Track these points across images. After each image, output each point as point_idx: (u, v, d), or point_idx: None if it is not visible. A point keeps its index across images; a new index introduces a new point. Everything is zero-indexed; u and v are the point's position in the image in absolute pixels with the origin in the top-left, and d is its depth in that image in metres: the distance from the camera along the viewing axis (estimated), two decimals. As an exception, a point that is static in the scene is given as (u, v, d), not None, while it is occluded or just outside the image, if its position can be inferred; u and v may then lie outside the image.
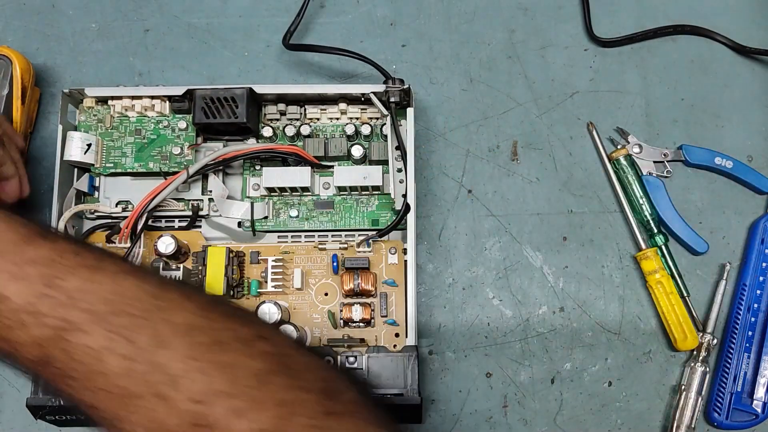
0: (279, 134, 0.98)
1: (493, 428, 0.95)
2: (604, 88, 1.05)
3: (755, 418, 0.94)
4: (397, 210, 0.94)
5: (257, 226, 0.95)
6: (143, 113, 0.97)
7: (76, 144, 0.94)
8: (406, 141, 0.94)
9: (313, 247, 0.95)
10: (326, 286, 0.94)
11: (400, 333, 0.92)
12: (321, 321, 0.93)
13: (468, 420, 0.94)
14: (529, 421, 0.95)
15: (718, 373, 0.95)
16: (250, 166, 0.98)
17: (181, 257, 0.93)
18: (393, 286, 0.93)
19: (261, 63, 1.07)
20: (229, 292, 0.92)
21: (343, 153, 0.96)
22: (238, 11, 1.09)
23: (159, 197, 0.92)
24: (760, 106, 1.04)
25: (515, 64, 1.06)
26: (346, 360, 0.86)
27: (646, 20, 1.07)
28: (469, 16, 1.08)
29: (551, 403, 0.95)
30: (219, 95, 0.93)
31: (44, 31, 1.08)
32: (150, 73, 1.06)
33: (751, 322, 0.95)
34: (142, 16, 1.09)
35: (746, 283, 0.97)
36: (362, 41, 1.07)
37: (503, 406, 0.95)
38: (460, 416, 0.95)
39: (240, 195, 0.97)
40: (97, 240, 0.96)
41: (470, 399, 0.95)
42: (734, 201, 1.01)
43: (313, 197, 0.97)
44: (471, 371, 0.95)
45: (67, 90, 0.95)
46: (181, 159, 0.96)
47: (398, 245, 0.94)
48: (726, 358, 0.95)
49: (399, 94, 0.94)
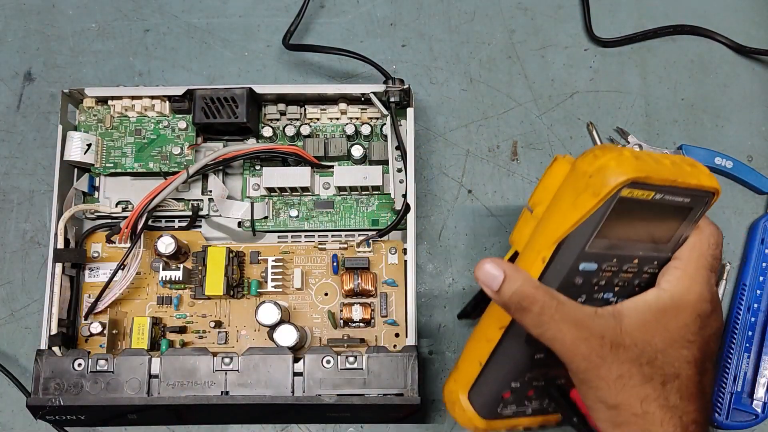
0: (279, 134, 0.98)
1: (493, 428, 0.95)
2: (604, 88, 1.05)
3: (755, 418, 0.93)
4: (397, 210, 0.94)
5: (257, 226, 0.96)
6: (143, 113, 0.97)
7: (76, 144, 0.94)
8: (406, 141, 0.94)
9: (313, 247, 0.95)
10: (326, 286, 0.94)
11: (400, 333, 0.92)
12: (321, 321, 0.93)
13: (468, 420, 0.95)
14: (529, 421, 0.95)
15: (718, 373, 0.95)
16: (250, 166, 0.98)
17: (181, 257, 0.94)
18: (393, 286, 0.93)
19: (261, 63, 1.07)
20: (229, 292, 0.92)
21: (343, 153, 0.96)
22: (238, 11, 1.09)
23: (159, 197, 0.92)
24: (760, 106, 1.04)
25: (515, 64, 1.06)
26: (346, 360, 0.86)
27: (646, 20, 1.07)
28: (469, 16, 1.08)
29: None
30: (219, 95, 0.93)
31: (44, 31, 1.08)
32: (150, 73, 1.06)
33: (751, 322, 0.95)
34: (142, 16, 1.09)
35: (746, 283, 0.97)
36: (362, 41, 1.07)
37: (503, 406, 0.95)
38: (460, 416, 0.95)
39: (240, 195, 0.97)
40: (97, 240, 0.96)
41: (470, 399, 0.95)
42: (734, 201, 1.01)
43: (313, 197, 0.97)
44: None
45: (67, 90, 0.95)
46: (181, 159, 0.96)
47: (398, 245, 0.94)
48: (726, 358, 0.95)
49: (399, 94, 0.94)
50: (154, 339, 0.92)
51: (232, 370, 0.86)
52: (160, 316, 0.94)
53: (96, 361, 0.87)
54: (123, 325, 0.94)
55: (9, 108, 1.05)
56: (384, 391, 0.85)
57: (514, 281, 0.67)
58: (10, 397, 0.96)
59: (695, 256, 0.71)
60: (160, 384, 0.86)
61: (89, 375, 0.86)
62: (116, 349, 0.93)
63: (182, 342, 0.93)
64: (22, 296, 0.99)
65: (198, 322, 0.94)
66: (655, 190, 0.67)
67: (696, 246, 0.71)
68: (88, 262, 0.95)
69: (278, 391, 0.85)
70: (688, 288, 0.69)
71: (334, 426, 0.94)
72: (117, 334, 0.93)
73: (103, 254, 0.96)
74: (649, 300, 0.69)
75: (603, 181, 0.66)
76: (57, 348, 0.88)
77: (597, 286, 0.71)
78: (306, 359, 0.86)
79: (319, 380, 0.86)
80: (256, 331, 0.93)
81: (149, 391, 0.86)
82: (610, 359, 0.65)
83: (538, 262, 0.69)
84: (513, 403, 0.78)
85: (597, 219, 0.67)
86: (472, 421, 0.78)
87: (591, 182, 0.66)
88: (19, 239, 1.01)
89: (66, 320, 0.92)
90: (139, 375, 0.86)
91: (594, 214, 0.67)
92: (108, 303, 0.92)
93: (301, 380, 0.86)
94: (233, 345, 0.93)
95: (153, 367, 0.87)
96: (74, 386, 0.86)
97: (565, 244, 0.69)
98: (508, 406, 0.78)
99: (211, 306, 0.94)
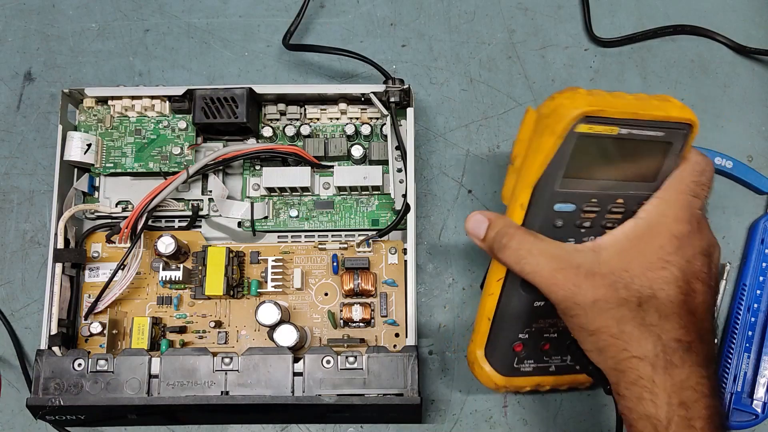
0: (279, 134, 0.98)
1: (493, 428, 0.94)
2: (604, 88, 1.02)
3: (755, 418, 0.93)
4: (397, 210, 0.95)
5: (257, 226, 0.96)
6: (143, 113, 0.97)
7: (76, 144, 0.94)
8: (406, 141, 0.94)
9: (313, 247, 0.95)
10: (326, 286, 0.94)
11: (400, 333, 0.92)
12: (321, 321, 0.93)
13: (468, 420, 0.94)
14: (528, 421, 0.95)
15: (718, 373, 0.95)
16: (250, 166, 0.98)
17: (181, 257, 0.94)
18: (393, 286, 0.93)
19: (261, 63, 1.07)
20: (229, 292, 0.92)
21: (343, 153, 0.96)
22: (238, 11, 1.09)
23: (159, 197, 0.92)
24: (760, 106, 1.04)
25: (515, 64, 1.06)
26: (346, 360, 0.86)
27: (646, 20, 1.07)
28: (469, 16, 1.08)
29: (551, 403, 0.95)
30: (219, 95, 0.93)
31: (44, 31, 1.08)
32: (150, 73, 1.06)
33: (751, 322, 0.95)
34: (142, 16, 1.08)
35: (746, 283, 0.97)
36: (362, 41, 1.07)
37: (503, 406, 0.95)
38: (459, 416, 0.94)
39: (240, 195, 0.97)
40: (97, 240, 0.96)
41: (470, 399, 0.95)
42: (734, 201, 1.01)
43: (313, 197, 0.97)
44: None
45: (67, 90, 0.95)
46: (181, 159, 0.96)
47: (398, 245, 0.94)
48: (726, 358, 0.95)
49: (399, 94, 0.94)
50: (154, 339, 0.92)
51: (232, 370, 0.86)
52: (160, 316, 0.94)
53: (96, 361, 0.87)
54: (123, 325, 0.94)
55: (9, 108, 1.05)
56: (384, 391, 0.85)
57: (496, 225, 0.73)
58: (10, 397, 0.96)
59: (674, 183, 0.73)
60: (160, 384, 0.86)
61: (89, 375, 0.87)
62: (116, 349, 0.93)
63: (182, 342, 0.93)
64: (22, 296, 0.99)
65: (198, 322, 0.94)
66: (618, 125, 0.70)
67: (676, 174, 0.73)
68: (88, 262, 0.95)
69: (278, 391, 0.86)
70: (663, 212, 0.72)
71: (334, 426, 0.94)
72: (117, 334, 0.93)
73: (103, 254, 0.96)
74: (627, 230, 0.72)
75: (557, 118, 0.70)
76: (57, 348, 0.88)
77: (583, 228, 0.75)
78: (306, 359, 0.86)
79: (319, 380, 0.86)
80: (256, 331, 0.93)
81: (149, 391, 0.86)
82: (585, 286, 0.68)
83: (518, 209, 0.74)
84: (530, 358, 0.82)
85: (561, 158, 0.70)
86: (492, 378, 0.82)
87: (548, 122, 0.70)
88: (19, 239, 1.01)
89: (66, 320, 0.92)
90: (139, 375, 0.86)
91: (557, 154, 0.70)
92: (108, 303, 0.92)
93: (301, 380, 0.86)
94: (233, 345, 0.93)
95: (153, 367, 0.87)
96: (74, 386, 0.86)
97: (537, 188, 0.73)
98: (526, 362, 0.83)
99: (211, 306, 0.94)
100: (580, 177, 0.72)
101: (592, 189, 0.73)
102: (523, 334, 0.81)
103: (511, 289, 0.78)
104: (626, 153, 0.72)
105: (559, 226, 0.74)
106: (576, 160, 0.71)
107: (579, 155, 0.70)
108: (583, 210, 0.74)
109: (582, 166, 0.72)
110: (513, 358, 0.82)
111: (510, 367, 0.83)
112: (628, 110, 0.69)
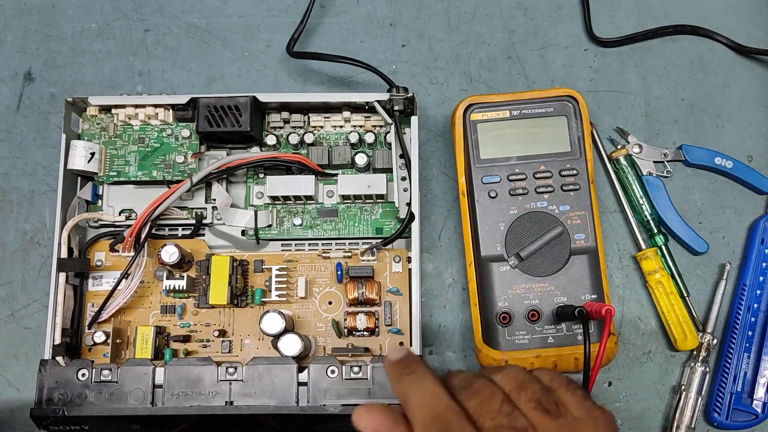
0: (282, 142, 0.98)
1: (495, 431, 0.95)
2: (604, 88, 1.05)
3: (755, 418, 0.94)
4: (401, 218, 0.94)
5: (261, 235, 0.96)
6: (147, 122, 0.97)
7: (79, 153, 0.94)
8: (410, 149, 0.94)
9: (317, 256, 0.95)
10: (330, 295, 0.94)
11: (405, 342, 0.92)
12: (325, 330, 0.94)
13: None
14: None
15: (718, 373, 0.96)
16: (254, 175, 0.98)
17: (184, 266, 0.94)
18: (397, 294, 0.94)
19: (261, 63, 1.06)
20: (233, 301, 0.92)
21: (346, 161, 0.96)
22: (238, 11, 1.08)
23: (163, 206, 0.92)
24: (760, 106, 1.04)
25: (515, 64, 1.06)
26: (350, 369, 0.86)
27: (646, 20, 1.07)
28: (469, 16, 1.08)
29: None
30: (222, 104, 0.93)
31: (44, 31, 1.08)
32: (150, 73, 1.06)
33: (751, 322, 0.96)
34: (142, 16, 1.08)
35: (746, 283, 0.97)
36: (362, 41, 1.07)
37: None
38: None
39: (244, 203, 0.97)
40: (101, 248, 0.96)
41: (472, 402, 0.96)
42: (734, 201, 1.02)
43: (317, 205, 0.97)
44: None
45: (71, 98, 0.95)
46: (184, 167, 0.96)
47: (402, 254, 0.94)
48: (726, 358, 0.96)
49: (403, 102, 0.93)
50: (158, 348, 0.92)
51: (237, 380, 0.86)
52: (164, 325, 0.94)
53: (100, 371, 0.87)
54: (127, 335, 0.94)
55: (9, 108, 1.05)
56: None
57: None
58: (11, 398, 0.97)
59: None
60: (164, 394, 0.86)
61: (93, 385, 0.87)
62: (120, 359, 0.93)
63: (186, 351, 0.93)
64: (22, 296, 1.00)
65: (202, 331, 0.94)
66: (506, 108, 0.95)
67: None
68: (91, 271, 0.96)
69: (283, 401, 0.86)
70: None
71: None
72: (120, 343, 0.94)
73: (106, 263, 0.96)
74: None
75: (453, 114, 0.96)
76: (61, 358, 0.88)
77: (521, 196, 0.93)
78: (310, 369, 0.87)
79: (323, 390, 0.86)
80: (260, 340, 0.93)
81: (153, 401, 0.86)
82: None
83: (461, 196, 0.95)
84: (521, 329, 0.90)
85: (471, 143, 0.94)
86: (490, 355, 0.89)
87: (452, 120, 0.97)
88: (19, 239, 1.01)
89: (69, 329, 0.92)
90: (143, 385, 0.87)
91: (465, 140, 0.95)
92: (112, 312, 0.92)
93: (305, 390, 0.86)
94: (237, 354, 0.93)
95: (157, 377, 0.87)
96: (78, 396, 0.86)
97: (466, 171, 0.95)
98: (518, 334, 0.90)
99: (215, 315, 0.94)
100: (497, 154, 0.94)
101: (512, 161, 0.94)
102: (501, 302, 0.91)
103: (479, 263, 0.93)
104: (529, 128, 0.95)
105: (494, 196, 0.93)
106: (487, 142, 0.94)
107: (486, 137, 0.95)
108: (509, 179, 0.93)
109: (494, 145, 0.94)
110: (503, 331, 0.90)
111: (504, 340, 0.89)
112: (508, 97, 0.95)
